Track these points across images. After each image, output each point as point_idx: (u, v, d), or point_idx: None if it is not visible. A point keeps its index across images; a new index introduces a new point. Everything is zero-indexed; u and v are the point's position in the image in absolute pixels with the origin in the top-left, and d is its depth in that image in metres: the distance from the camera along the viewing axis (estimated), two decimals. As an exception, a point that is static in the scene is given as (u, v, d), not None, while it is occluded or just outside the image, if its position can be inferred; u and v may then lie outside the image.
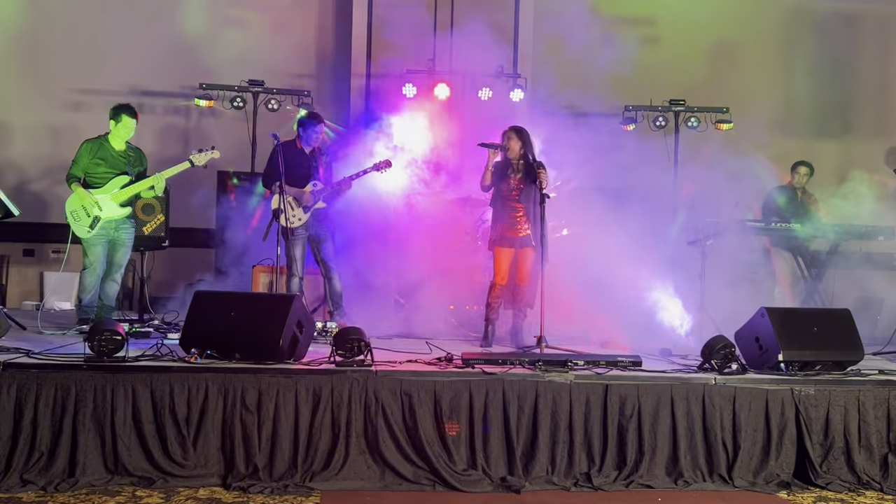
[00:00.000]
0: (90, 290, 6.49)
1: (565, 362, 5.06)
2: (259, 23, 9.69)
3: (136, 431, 4.54)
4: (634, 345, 6.10)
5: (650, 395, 4.88)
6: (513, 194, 6.41)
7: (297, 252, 6.76)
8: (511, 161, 6.45)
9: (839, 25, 10.56)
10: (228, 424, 4.59)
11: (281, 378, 4.67)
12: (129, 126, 6.56)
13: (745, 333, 5.49)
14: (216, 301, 5.20)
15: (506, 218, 6.42)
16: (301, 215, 6.76)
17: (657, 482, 4.76)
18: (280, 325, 4.88)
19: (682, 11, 9.57)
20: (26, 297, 9.28)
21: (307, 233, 6.83)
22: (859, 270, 8.52)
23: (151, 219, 7.50)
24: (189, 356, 4.82)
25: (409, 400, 4.71)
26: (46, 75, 9.29)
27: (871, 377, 5.24)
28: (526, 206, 6.37)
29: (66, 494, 4.27)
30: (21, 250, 9.45)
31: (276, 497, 4.36)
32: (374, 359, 4.92)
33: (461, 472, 4.63)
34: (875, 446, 5.01)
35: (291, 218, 6.72)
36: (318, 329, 6.26)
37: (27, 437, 4.45)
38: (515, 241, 6.41)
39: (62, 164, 6.62)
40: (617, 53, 8.11)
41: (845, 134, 10.54)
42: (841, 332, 5.44)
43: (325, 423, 4.64)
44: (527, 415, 4.78)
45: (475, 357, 5.15)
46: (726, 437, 4.90)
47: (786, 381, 5.04)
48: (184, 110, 9.70)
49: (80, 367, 4.63)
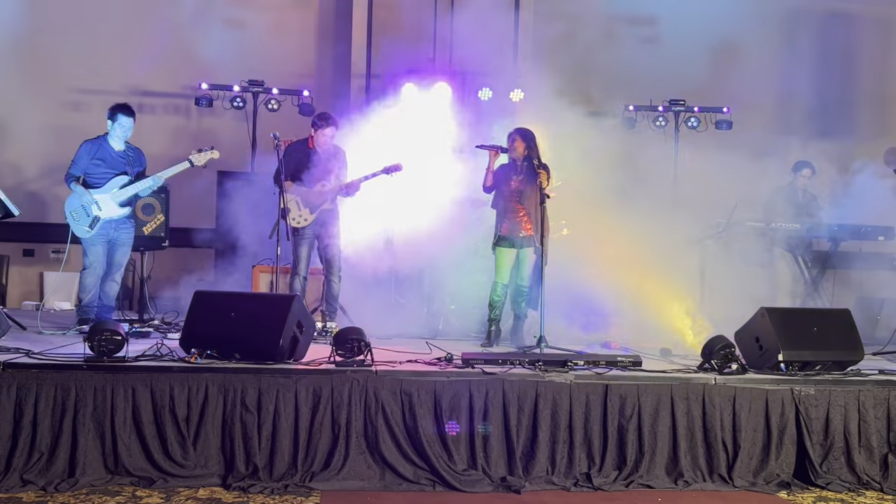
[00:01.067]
0: (90, 290, 6.49)
1: (565, 362, 5.07)
2: (259, 23, 9.69)
3: (136, 431, 4.54)
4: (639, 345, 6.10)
5: (650, 395, 4.88)
6: (514, 195, 6.44)
7: (303, 251, 6.75)
8: (515, 163, 6.49)
9: (839, 25, 10.56)
10: (228, 424, 4.59)
11: (281, 378, 4.67)
12: (126, 125, 6.56)
13: (745, 333, 5.49)
14: (216, 301, 5.20)
15: (508, 219, 6.46)
16: (308, 216, 6.75)
17: (657, 482, 4.76)
18: (280, 325, 4.88)
19: (683, 11, 9.57)
20: (26, 297, 9.29)
21: (314, 232, 6.83)
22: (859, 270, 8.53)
23: (151, 219, 7.50)
24: (189, 356, 4.82)
25: (409, 400, 4.71)
26: (46, 75, 9.29)
27: (871, 377, 5.24)
28: (527, 208, 6.39)
29: (66, 494, 4.27)
30: (21, 250, 9.45)
31: (276, 497, 4.36)
32: (374, 359, 4.92)
33: (461, 472, 4.63)
34: (875, 446, 5.01)
35: (298, 218, 6.72)
36: (318, 329, 6.26)
37: (27, 437, 4.44)
38: (517, 241, 6.44)
39: (62, 165, 6.63)
40: (616, 53, 8.11)
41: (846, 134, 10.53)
42: (841, 332, 5.44)
43: (325, 423, 4.64)
44: (527, 415, 4.78)
45: (475, 357, 5.15)
46: (726, 437, 4.90)
47: (786, 381, 5.04)
48: (184, 110, 9.70)
49: (80, 367, 4.62)
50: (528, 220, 6.40)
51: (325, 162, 6.82)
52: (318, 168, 6.79)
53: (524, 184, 6.41)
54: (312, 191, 6.77)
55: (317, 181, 6.78)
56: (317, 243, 6.87)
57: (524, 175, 6.43)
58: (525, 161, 6.44)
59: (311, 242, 6.82)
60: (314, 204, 6.76)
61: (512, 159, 6.51)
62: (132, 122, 6.60)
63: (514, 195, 6.44)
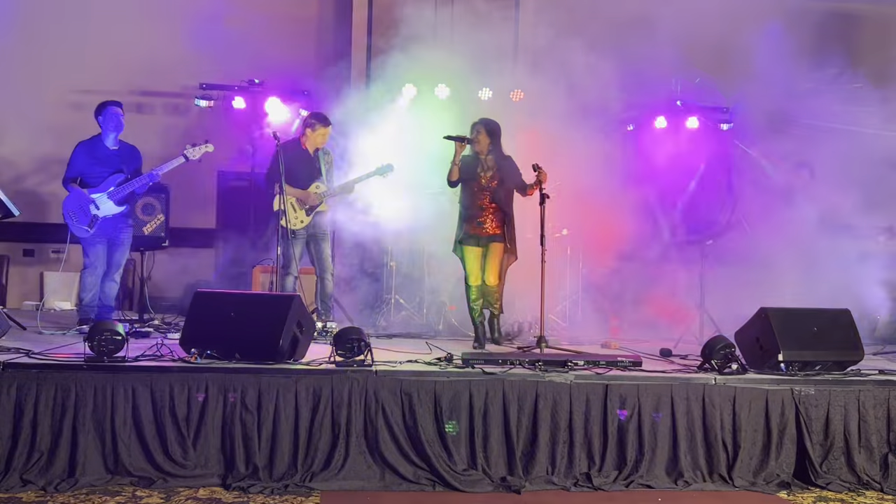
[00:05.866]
0: (91, 290, 6.50)
1: (565, 362, 5.06)
2: (259, 23, 9.68)
3: (136, 431, 4.54)
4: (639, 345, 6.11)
5: (650, 395, 4.87)
6: (484, 192, 6.24)
7: (296, 251, 6.76)
8: (479, 157, 6.27)
9: (839, 25, 10.54)
10: (228, 424, 4.59)
11: (281, 378, 4.67)
12: (116, 115, 6.53)
13: (745, 333, 5.49)
14: (216, 301, 5.19)
15: (473, 216, 6.24)
16: (304, 217, 6.75)
17: (657, 482, 4.76)
18: (280, 325, 4.87)
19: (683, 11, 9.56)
20: (26, 297, 9.29)
21: (307, 233, 6.83)
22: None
23: (151, 219, 7.50)
24: (189, 356, 4.82)
25: (409, 400, 4.71)
26: (46, 75, 9.29)
27: (871, 377, 5.24)
28: (497, 205, 6.20)
29: (66, 494, 4.27)
30: (21, 250, 9.46)
31: (276, 497, 4.36)
32: (374, 359, 4.92)
33: (461, 472, 4.63)
34: (875, 446, 5.01)
35: (294, 220, 6.70)
36: (318, 329, 6.26)
37: (27, 438, 4.44)
38: (482, 238, 6.24)
39: (62, 165, 6.63)
40: (616, 53, 8.10)
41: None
42: (841, 332, 5.44)
43: (325, 423, 4.64)
44: (527, 415, 4.77)
45: (475, 357, 5.15)
46: (726, 437, 4.90)
47: (786, 381, 5.04)
48: (184, 110, 9.70)
49: (80, 367, 4.62)
50: (494, 217, 6.20)
51: (318, 162, 6.82)
52: (311, 169, 6.79)
53: (495, 180, 6.22)
54: (308, 192, 6.77)
55: (310, 182, 6.78)
56: (310, 244, 6.87)
57: (493, 170, 6.23)
58: (489, 154, 6.23)
59: (303, 242, 6.83)
60: (310, 206, 6.77)
61: (475, 152, 6.27)
62: (121, 112, 6.58)
63: (483, 192, 6.24)
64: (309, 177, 6.80)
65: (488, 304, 6.44)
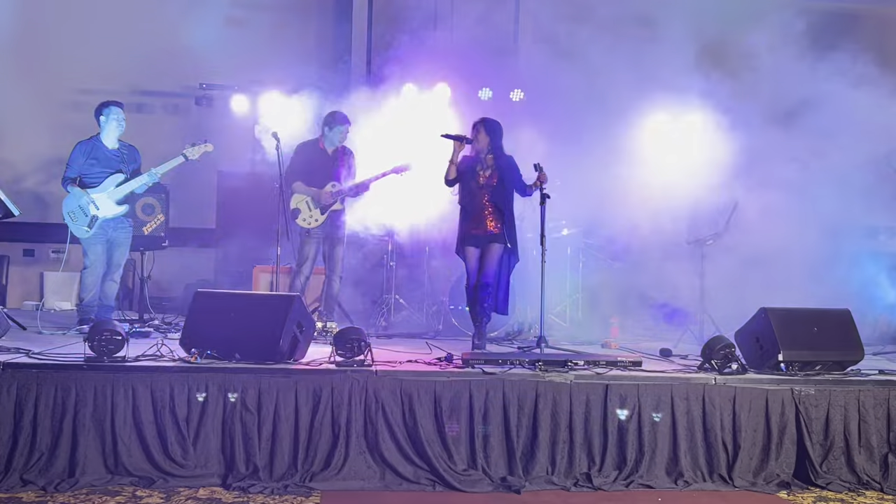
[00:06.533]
0: (91, 289, 6.50)
1: (565, 362, 5.06)
2: (259, 23, 9.69)
3: (136, 431, 4.54)
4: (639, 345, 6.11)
5: (650, 395, 4.87)
6: (483, 191, 6.15)
7: (309, 251, 6.76)
8: (479, 156, 6.21)
9: (839, 25, 10.54)
10: (228, 424, 4.59)
11: (281, 378, 4.67)
12: (118, 116, 6.52)
13: (745, 333, 5.49)
14: (216, 301, 5.19)
15: (473, 215, 6.18)
16: (318, 216, 6.75)
17: (657, 482, 4.76)
18: (280, 325, 4.87)
19: (682, 11, 9.55)
20: (26, 297, 9.29)
21: (323, 233, 6.82)
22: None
23: (151, 219, 7.50)
24: (189, 356, 4.82)
25: (409, 400, 4.71)
26: (46, 75, 9.30)
27: (871, 377, 5.24)
28: (496, 204, 6.13)
29: (66, 494, 4.27)
30: (21, 250, 9.46)
31: (276, 497, 4.36)
32: (374, 359, 4.92)
33: (461, 472, 4.63)
34: (875, 446, 5.01)
35: (308, 219, 6.72)
36: (318, 329, 6.26)
37: (27, 437, 4.45)
38: (481, 238, 6.17)
39: (62, 165, 6.63)
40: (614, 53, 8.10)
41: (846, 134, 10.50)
42: (841, 332, 5.43)
43: (325, 423, 4.64)
44: (527, 415, 4.77)
45: (475, 357, 5.15)
46: (726, 437, 4.90)
47: (786, 381, 5.04)
48: (184, 110, 9.70)
49: (80, 367, 4.62)
50: (493, 217, 6.13)
51: (334, 162, 6.82)
52: (328, 168, 6.79)
53: (494, 179, 6.15)
54: (323, 191, 6.76)
55: (327, 182, 6.78)
56: (324, 244, 6.86)
57: (492, 169, 6.16)
58: (490, 154, 6.17)
59: (318, 242, 6.82)
60: (324, 205, 6.76)
61: (475, 151, 6.21)
62: (122, 112, 6.58)
63: (482, 191, 6.15)
64: (326, 176, 6.79)
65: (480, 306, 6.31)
